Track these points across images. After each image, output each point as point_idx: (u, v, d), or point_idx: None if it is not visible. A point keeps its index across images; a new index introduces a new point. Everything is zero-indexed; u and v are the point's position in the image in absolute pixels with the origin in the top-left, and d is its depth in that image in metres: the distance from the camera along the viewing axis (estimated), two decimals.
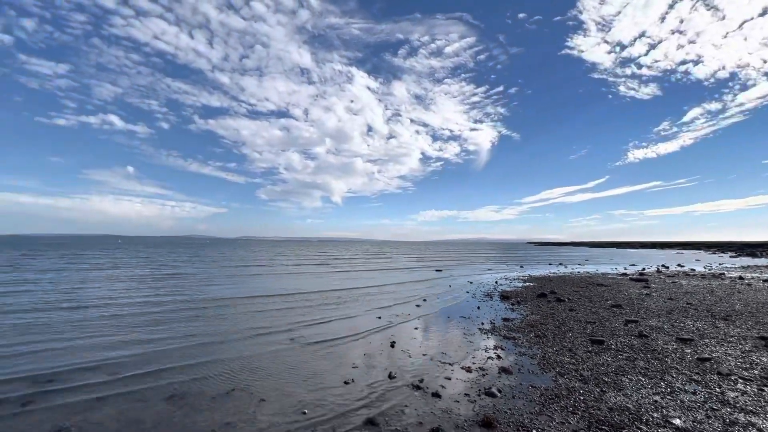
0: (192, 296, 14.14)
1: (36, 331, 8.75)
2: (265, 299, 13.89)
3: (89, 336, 8.48)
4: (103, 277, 19.80)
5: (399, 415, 4.91)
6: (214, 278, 20.28)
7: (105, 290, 15.43)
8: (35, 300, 12.64)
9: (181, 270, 25.04)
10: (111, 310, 11.38)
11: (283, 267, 30.34)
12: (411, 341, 8.49)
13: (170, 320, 10.13)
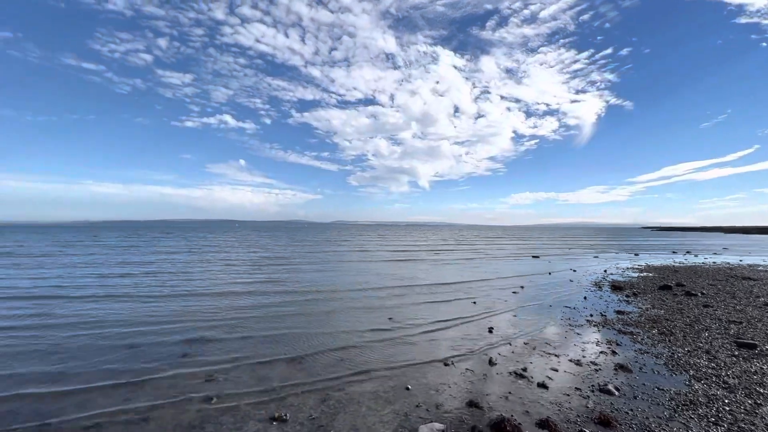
0: (287, 277, 15.72)
1: (174, 304, 10.71)
2: (366, 286, 14.71)
3: (222, 304, 10.09)
4: (239, 260, 23.13)
5: (502, 401, 4.82)
6: (316, 263, 22.10)
7: (236, 273, 18.04)
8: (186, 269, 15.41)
9: (283, 254, 27.86)
10: (236, 288, 13.31)
11: (380, 254, 31.65)
12: (509, 329, 8.19)
13: (277, 293, 11.46)
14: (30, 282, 13.45)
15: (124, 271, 16.63)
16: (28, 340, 7.08)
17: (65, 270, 16.68)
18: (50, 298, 10.84)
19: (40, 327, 7.89)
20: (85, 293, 11.48)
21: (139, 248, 30.37)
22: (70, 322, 8.30)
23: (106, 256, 23.76)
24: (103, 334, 7.45)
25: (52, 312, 9.16)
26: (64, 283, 13.21)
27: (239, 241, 41.63)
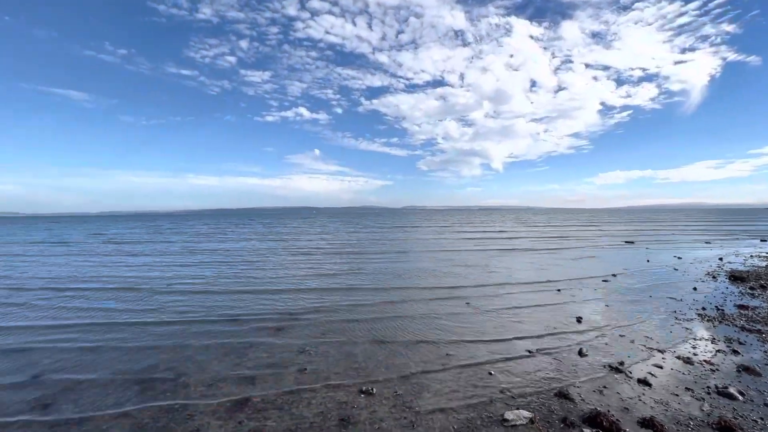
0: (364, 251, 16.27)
1: (266, 284, 11.80)
2: (441, 271, 14.72)
3: (309, 286, 10.92)
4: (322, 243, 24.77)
5: (596, 395, 4.51)
6: (391, 249, 22.59)
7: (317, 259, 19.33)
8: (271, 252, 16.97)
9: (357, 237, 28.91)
10: (323, 268, 14.26)
11: (455, 238, 31.29)
12: (600, 319, 7.55)
13: (365, 274, 12.00)
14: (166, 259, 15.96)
15: (220, 256, 18.83)
16: (158, 312, 8.46)
17: (186, 245, 19.45)
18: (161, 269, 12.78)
19: (169, 292, 9.39)
20: (201, 272, 13.30)
21: (231, 234, 34.02)
22: (187, 289, 9.73)
23: (212, 240, 27.10)
24: (211, 309, 8.60)
25: (173, 284, 10.82)
26: (184, 261, 15.43)
27: (318, 228, 44.42)
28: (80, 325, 7.45)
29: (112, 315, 8.09)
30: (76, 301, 9.31)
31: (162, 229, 43.56)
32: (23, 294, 10.24)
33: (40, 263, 16.33)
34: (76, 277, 12.58)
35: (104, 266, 15.12)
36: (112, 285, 11.24)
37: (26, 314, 8.23)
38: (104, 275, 12.96)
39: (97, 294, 10.09)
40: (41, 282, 11.86)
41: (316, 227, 43.11)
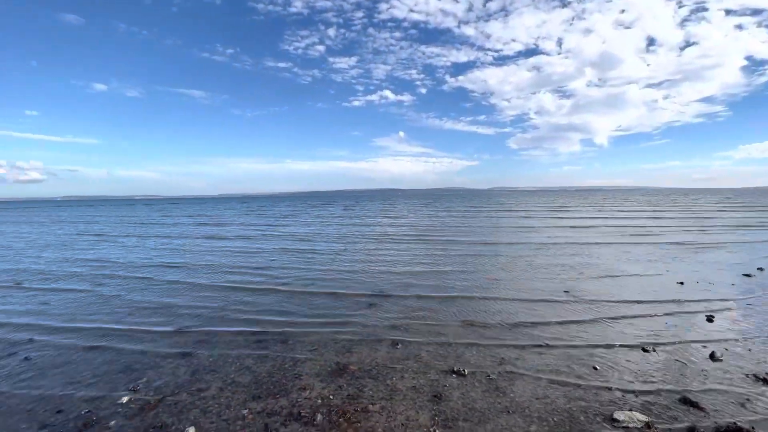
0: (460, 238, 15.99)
1: (359, 263, 12.40)
2: (536, 256, 13.86)
3: (397, 268, 11.24)
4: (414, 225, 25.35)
5: (733, 407, 3.82)
6: (479, 231, 21.92)
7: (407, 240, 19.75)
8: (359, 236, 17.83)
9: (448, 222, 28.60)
10: (414, 250, 14.55)
11: (549, 221, 29.08)
12: (741, 321, 6.31)
13: (455, 262, 11.92)
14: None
15: (316, 233, 20.39)
16: (280, 294, 9.59)
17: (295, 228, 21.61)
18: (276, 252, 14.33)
19: (275, 268, 10.60)
20: (300, 250, 14.70)
21: (330, 216, 36.48)
22: (290, 266, 10.84)
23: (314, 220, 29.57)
24: (310, 286, 9.43)
25: (270, 262, 12.14)
26: (287, 246, 17.18)
27: (402, 209, 45.11)
28: (210, 288, 8.86)
29: (236, 282, 9.44)
30: (203, 274, 11.07)
31: (284, 212, 48.69)
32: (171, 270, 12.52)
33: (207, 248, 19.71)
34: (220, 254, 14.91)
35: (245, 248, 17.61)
36: (243, 263, 13.08)
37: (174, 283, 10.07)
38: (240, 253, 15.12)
39: (226, 267, 11.86)
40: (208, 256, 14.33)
41: (401, 209, 43.87)
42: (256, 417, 3.77)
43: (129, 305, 7.69)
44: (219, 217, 38.31)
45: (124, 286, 9.33)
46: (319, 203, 76.06)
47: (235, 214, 41.34)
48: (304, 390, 4.28)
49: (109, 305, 7.71)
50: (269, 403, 4.02)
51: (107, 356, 5.30)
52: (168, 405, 4.03)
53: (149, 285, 9.38)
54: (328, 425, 3.62)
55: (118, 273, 10.87)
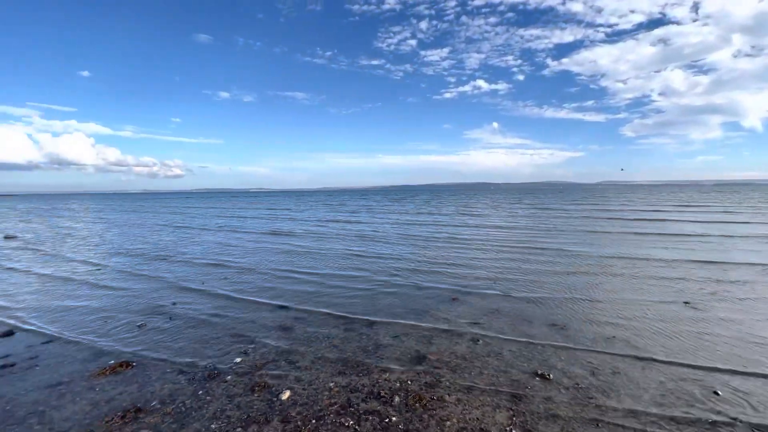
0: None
1: (444, 258, 12.32)
2: (651, 259, 12.14)
3: (481, 264, 10.93)
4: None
5: None
6: (578, 231, 19.93)
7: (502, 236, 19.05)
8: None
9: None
10: (502, 248, 14.02)
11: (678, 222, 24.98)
12: None
13: (542, 261, 11.14)
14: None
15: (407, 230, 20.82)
16: (356, 281, 10.23)
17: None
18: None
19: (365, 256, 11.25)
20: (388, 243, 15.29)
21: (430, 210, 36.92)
22: (375, 255, 11.37)
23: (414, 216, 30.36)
24: (392, 280, 9.76)
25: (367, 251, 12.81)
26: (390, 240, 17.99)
27: (494, 204, 43.08)
28: (311, 273, 9.83)
29: (332, 268, 10.31)
30: (308, 259, 12.28)
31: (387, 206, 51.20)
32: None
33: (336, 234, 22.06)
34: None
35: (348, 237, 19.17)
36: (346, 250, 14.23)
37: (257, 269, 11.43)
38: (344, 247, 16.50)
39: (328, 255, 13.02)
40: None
41: (492, 204, 41.89)
42: (340, 390, 4.15)
43: (242, 283, 9.00)
44: (323, 208, 41.67)
45: (239, 266, 10.92)
46: (400, 197, 77.12)
47: (335, 207, 44.49)
48: (385, 372, 4.54)
49: (229, 282, 9.14)
50: (353, 380, 4.37)
51: (226, 323, 6.33)
52: (270, 369, 4.67)
53: (259, 266, 10.81)
54: (405, 408, 3.80)
55: (232, 260, 12.73)
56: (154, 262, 11.82)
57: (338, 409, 3.79)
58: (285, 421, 3.61)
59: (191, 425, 3.56)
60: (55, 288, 8.74)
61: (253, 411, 3.78)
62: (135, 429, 3.52)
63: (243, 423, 3.58)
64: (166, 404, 3.93)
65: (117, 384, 4.38)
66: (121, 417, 3.70)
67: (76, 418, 3.73)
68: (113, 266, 11.19)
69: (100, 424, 3.59)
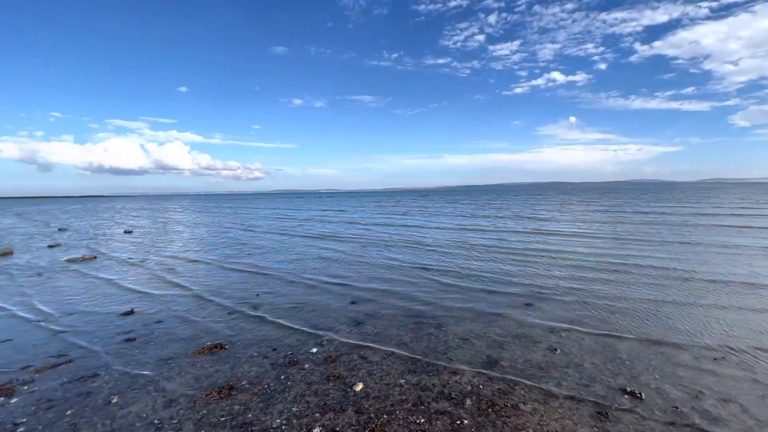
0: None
1: (518, 265, 11.72)
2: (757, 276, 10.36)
3: (558, 272, 10.22)
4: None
5: None
6: (673, 238, 17.63)
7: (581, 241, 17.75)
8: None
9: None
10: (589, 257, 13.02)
11: None
12: None
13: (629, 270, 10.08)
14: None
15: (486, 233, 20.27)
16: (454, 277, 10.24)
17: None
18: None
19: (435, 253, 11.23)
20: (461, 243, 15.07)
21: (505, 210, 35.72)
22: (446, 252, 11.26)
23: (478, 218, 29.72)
24: (464, 279, 9.57)
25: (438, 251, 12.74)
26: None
27: (575, 205, 39.75)
28: (385, 270, 10.10)
29: (397, 268, 10.49)
30: (388, 253, 12.62)
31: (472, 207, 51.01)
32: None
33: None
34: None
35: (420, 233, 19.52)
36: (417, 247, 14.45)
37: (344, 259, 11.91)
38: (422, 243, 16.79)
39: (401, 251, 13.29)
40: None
41: (568, 205, 38.58)
42: (411, 388, 4.21)
43: (320, 279, 9.55)
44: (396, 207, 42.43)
45: (323, 257, 11.60)
46: (462, 198, 74.70)
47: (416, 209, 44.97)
48: (455, 374, 4.50)
49: (310, 272, 9.77)
50: (422, 379, 4.40)
51: (304, 315, 6.78)
52: (343, 361, 4.91)
53: (343, 257, 11.37)
54: (477, 412, 3.73)
55: (308, 251, 13.53)
56: (238, 257, 13.07)
57: (410, 406, 3.85)
58: (359, 412, 3.77)
59: (275, 406, 3.90)
60: (162, 276, 10.12)
61: (329, 399, 4.01)
62: (229, 404, 3.95)
63: (321, 409, 3.82)
64: (254, 384, 4.35)
65: (213, 363, 4.94)
66: (218, 392, 4.18)
67: (182, 389, 4.30)
68: (205, 259, 12.61)
69: (202, 397, 4.09)
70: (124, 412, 3.85)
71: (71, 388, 4.34)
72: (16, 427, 3.61)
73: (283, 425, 3.57)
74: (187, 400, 4.04)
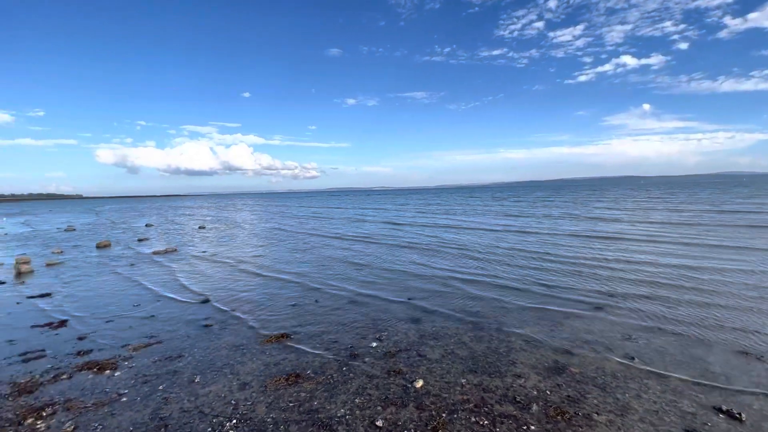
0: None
1: (582, 267, 10.91)
2: None
3: (631, 276, 9.36)
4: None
5: None
6: None
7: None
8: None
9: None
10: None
11: None
12: None
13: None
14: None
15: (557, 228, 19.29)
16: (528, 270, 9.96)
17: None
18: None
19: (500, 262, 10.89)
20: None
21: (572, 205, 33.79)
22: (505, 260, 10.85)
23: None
24: (525, 280, 9.14)
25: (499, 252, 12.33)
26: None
27: (654, 202, 35.96)
28: (446, 270, 10.03)
29: (453, 269, 10.33)
30: (447, 256, 12.53)
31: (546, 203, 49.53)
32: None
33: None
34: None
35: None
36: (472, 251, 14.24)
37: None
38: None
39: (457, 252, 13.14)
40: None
41: (643, 201, 34.77)
42: (473, 388, 4.12)
43: (377, 275, 9.72)
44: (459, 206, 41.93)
45: (378, 257, 11.81)
46: (519, 193, 70.58)
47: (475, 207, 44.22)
48: (519, 378, 4.32)
49: (363, 272, 9.99)
50: (484, 380, 4.29)
51: (362, 309, 6.94)
52: (403, 357, 4.94)
53: (381, 262, 11.50)
54: (545, 418, 3.55)
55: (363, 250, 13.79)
56: (299, 252, 13.72)
57: (472, 406, 3.77)
58: (420, 408, 3.77)
59: (339, 396, 4.03)
60: (231, 268, 10.96)
61: (391, 393, 4.06)
62: (296, 391, 4.17)
63: (382, 403, 3.88)
64: (318, 374, 4.54)
65: (280, 351, 5.25)
66: (285, 379, 4.43)
67: (254, 373, 4.61)
68: (271, 254, 13.42)
69: (271, 382, 4.37)
70: (205, 390, 4.23)
71: (162, 366, 4.86)
72: (120, 397, 4.13)
73: (347, 415, 3.69)
74: (258, 384, 4.33)
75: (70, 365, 4.92)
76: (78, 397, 4.15)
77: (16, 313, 7.17)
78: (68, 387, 4.37)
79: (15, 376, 4.67)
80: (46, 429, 3.58)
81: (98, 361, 5.01)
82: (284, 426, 3.54)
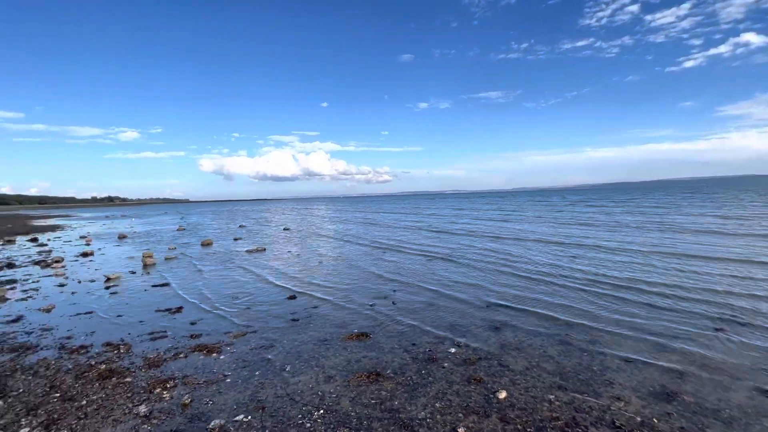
0: None
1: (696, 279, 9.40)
2: None
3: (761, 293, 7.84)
4: None
5: None
6: None
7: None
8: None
9: None
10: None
11: None
12: None
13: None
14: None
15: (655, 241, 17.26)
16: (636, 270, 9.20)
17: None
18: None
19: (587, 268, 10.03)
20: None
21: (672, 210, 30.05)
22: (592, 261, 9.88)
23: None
24: (623, 290, 8.22)
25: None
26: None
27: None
28: (511, 276, 9.56)
29: (536, 274, 9.74)
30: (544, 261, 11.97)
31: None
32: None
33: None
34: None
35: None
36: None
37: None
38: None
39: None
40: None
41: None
42: (562, 406, 3.82)
43: (451, 280, 9.59)
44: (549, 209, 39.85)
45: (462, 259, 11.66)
46: (606, 196, 62.69)
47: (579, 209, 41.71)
48: (618, 400, 3.90)
49: (438, 276, 9.93)
50: (576, 398, 3.95)
51: (440, 314, 6.89)
52: (483, 366, 4.78)
53: (474, 262, 11.26)
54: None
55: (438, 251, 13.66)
56: (375, 251, 14.10)
57: (562, 425, 3.50)
58: (504, 420, 3.61)
59: (419, 399, 4.05)
60: (314, 267, 11.69)
61: (472, 402, 3.96)
62: (377, 389, 4.29)
63: (463, 410, 3.80)
64: (398, 374, 4.62)
65: (361, 349, 5.45)
66: (367, 376, 4.58)
67: (338, 368, 4.86)
68: (345, 255, 14.02)
69: (353, 378, 4.55)
70: (295, 380, 4.58)
71: (257, 353, 5.38)
72: (225, 378, 4.67)
73: (428, 418, 3.68)
74: (342, 379, 4.55)
75: (186, 346, 5.70)
76: (192, 374, 4.79)
77: (145, 299, 8.53)
78: (185, 365, 5.07)
79: (146, 351, 5.56)
80: (169, 398, 4.20)
81: (207, 344, 5.73)
82: (367, 422, 3.67)
